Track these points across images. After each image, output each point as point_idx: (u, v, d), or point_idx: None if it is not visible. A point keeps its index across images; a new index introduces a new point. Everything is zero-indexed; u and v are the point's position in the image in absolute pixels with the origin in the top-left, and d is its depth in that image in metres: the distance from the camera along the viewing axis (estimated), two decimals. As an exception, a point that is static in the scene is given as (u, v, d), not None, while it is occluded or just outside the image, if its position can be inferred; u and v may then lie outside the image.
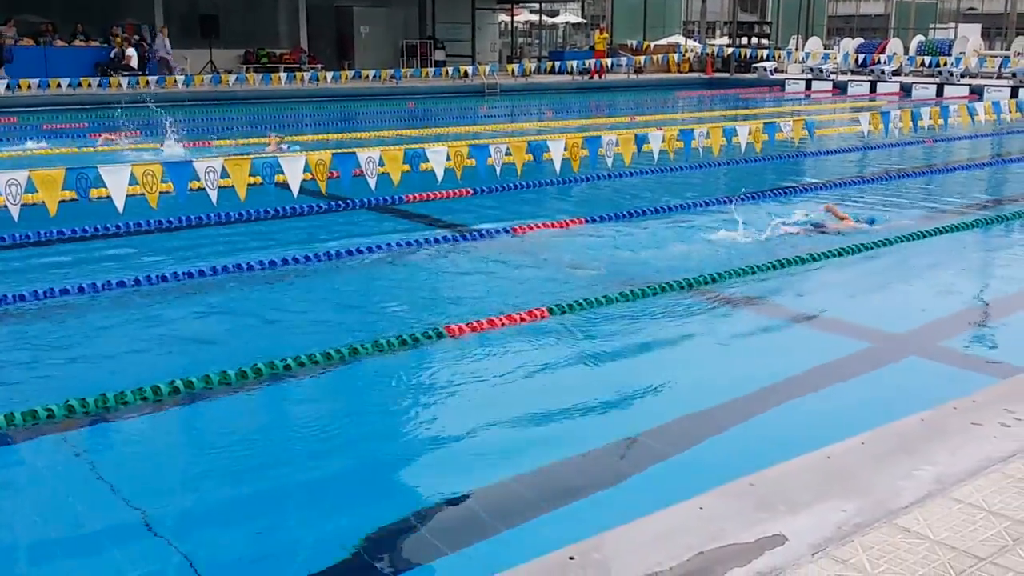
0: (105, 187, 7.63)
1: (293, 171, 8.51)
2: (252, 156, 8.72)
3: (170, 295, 7.86)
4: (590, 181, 13.42)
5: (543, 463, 4.85)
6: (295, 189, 8.54)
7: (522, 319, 7.12)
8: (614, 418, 5.53)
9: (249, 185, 8.35)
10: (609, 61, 35.19)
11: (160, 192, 7.92)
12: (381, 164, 9.09)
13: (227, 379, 5.81)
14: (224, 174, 8.11)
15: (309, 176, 8.74)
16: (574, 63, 34.89)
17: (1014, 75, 31.70)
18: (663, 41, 43.74)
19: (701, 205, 11.76)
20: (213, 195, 8.08)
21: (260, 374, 5.92)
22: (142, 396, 5.54)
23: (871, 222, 10.47)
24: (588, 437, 5.19)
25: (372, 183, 9.05)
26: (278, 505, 4.61)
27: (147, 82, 24.38)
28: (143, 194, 7.80)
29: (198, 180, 8.01)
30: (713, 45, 42.61)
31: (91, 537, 4.27)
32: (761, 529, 3.28)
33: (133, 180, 7.73)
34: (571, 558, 3.10)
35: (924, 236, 9.95)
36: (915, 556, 3.09)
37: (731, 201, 11.06)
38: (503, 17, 45.28)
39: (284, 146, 16.06)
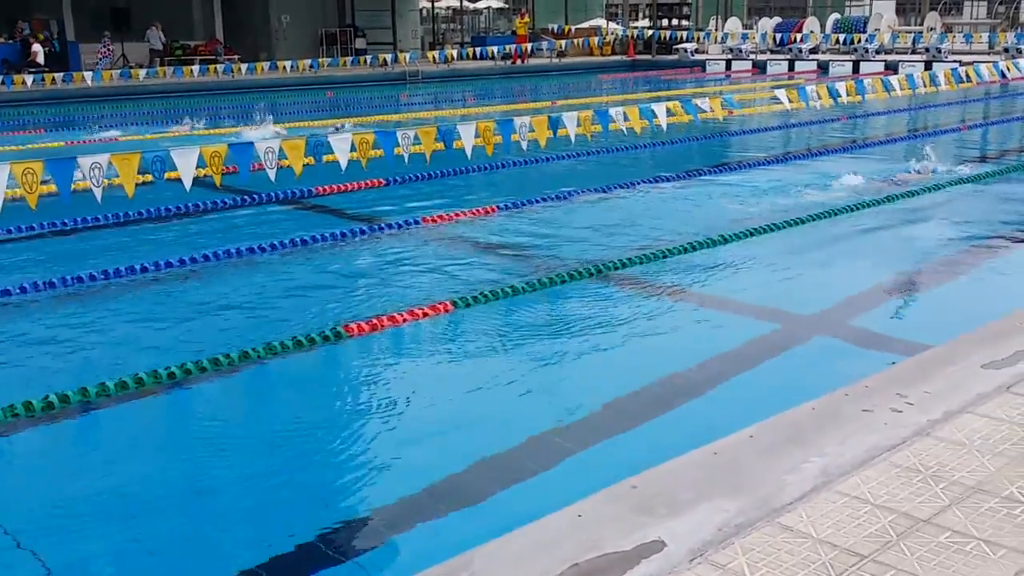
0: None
1: (185, 164, 8.14)
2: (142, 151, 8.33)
3: (43, 305, 7.49)
4: (506, 168, 13.23)
5: (422, 473, 4.63)
6: (187, 183, 8.18)
7: (424, 314, 6.91)
8: (504, 420, 5.35)
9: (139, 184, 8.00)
10: (530, 46, 35.00)
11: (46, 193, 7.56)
12: (282, 156, 8.79)
13: (105, 390, 5.52)
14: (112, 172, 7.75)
15: (204, 172, 8.39)
16: (495, 48, 34.60)
17: (927, 50, 32.24)
18: (585, 25, 43.71)
19: (622, 187, 11.66)
20: (98, 193, 7.69)
21: (141, 384, 5.63)
22: (29, 409, 5.24)
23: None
24: (483, 439, 5.00)
25: (271, 175, 8.70)
26: (160, 518, 4.36)
27: (53, 79, 23.55)
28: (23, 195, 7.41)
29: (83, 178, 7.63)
30: (635, 28, 42.66)
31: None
32: (640, 535, 3.12)
33: (12, 181, 7.33)
34: (437, 578, 2.91)
35: (838, 213, 9.95)
36: (795, 557, 2.95)
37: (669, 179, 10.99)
38: (424, 3, 44.77)
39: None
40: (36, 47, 27.08)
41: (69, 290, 7.72)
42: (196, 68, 25.48)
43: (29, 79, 23.47)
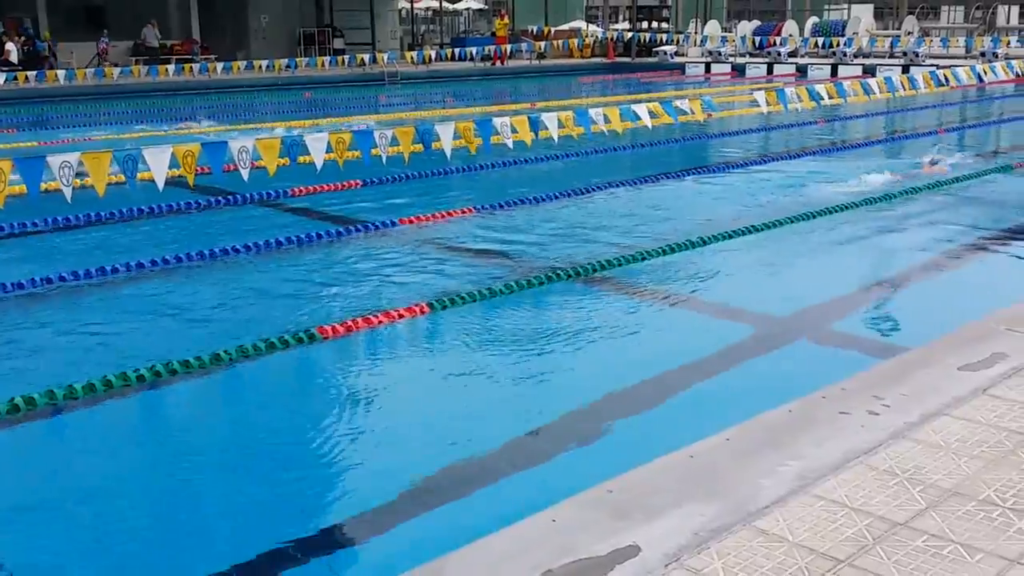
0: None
1: (158, 164, 8.04)
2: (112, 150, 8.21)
3: (9, 305, 7.36)
4: (485, 169, 13.16)
5: (395, 476, 4.56)
6: (160, 183, 8.07)
7: (400, 316, 6.84)
8: (479, 423, 5.29)
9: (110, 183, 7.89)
10: (510, 47, 34.94)
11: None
12: (256, 156, 8.69)
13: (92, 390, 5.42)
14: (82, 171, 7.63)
15: (177, 172, 8.28)
16: (474, 50, 34.53)
17: (905, 54, 32.42)
18: (565, 26, 43.72)
19: (600, 189, 11.62)
20: (68, 192, 7.57)
21: (109, 386, 5.53)
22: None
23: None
24: (457, 443, 4.94)
25: (245, 175, 8.59)
26: (129, 522, 4.28)
27: (26, 77, 23.29)
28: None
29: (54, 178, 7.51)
30: (614, 30, 42.70)
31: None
32: (616, 540, 3.07)
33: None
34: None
35: (815, 216, 9.95)
36: (772, 562, 2.91)
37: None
38: (403, 4, 44.66)
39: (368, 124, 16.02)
40: (10, 46, 26.79)
41: (37, 290, 7.60)
42: (172, 67, 25.26)
43: (1, 78, 23.20)
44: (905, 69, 28.68)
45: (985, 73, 14.51)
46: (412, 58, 32.27)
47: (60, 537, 4.20)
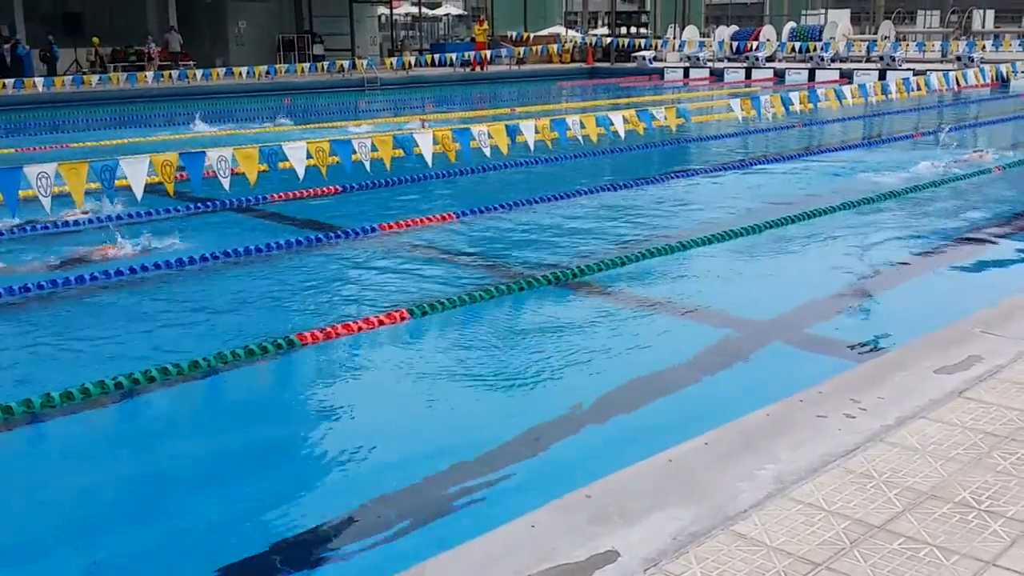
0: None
1: (136, 173, 8.01)
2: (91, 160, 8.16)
3: None
4: (465, 175, 13.16)
5: (374, 483, 4.55)
6: (138, 192, 8.04)
7: (380, 322, 6.84)
8: (457, 429, 5.28)
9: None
10: (489, 53, 34.99)
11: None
12: (235, 163, 8.67)
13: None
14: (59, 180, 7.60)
15: (155, 179, 8.24)
16: (454, 55, 34.55)
17: (881, 58, 32.66)
18: (544, 32, 43.81)
19: (581, 193, 11.66)
20: (46, 203, 7.54)
21: (88, 394, 5.50)
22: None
23: None
24: (435, 449, 4.94)
25: (225, 183, 8.59)
26: (108, 530, 4.25)
27: (3, 84, 23.14)
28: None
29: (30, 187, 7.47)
30: (593, 35, 42.81)
31: None
32: (594, 545, 3.08)
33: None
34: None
35: (793, 220, 10.01)
36: (750, 565, 2.93)
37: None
38: (383, 10, 44.63)
39: (427, 124, 16.73)
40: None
41: (15, 299, 7.54)
42: (150, 74, 25.14)
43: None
44: (882, 74, 28.93)
45: (958, 82, 14.68)
46: (392, 64, 32.25)
47: (36, 545, 4.17)
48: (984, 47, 32.13)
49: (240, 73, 26.71)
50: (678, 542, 3.08)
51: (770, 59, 35.36)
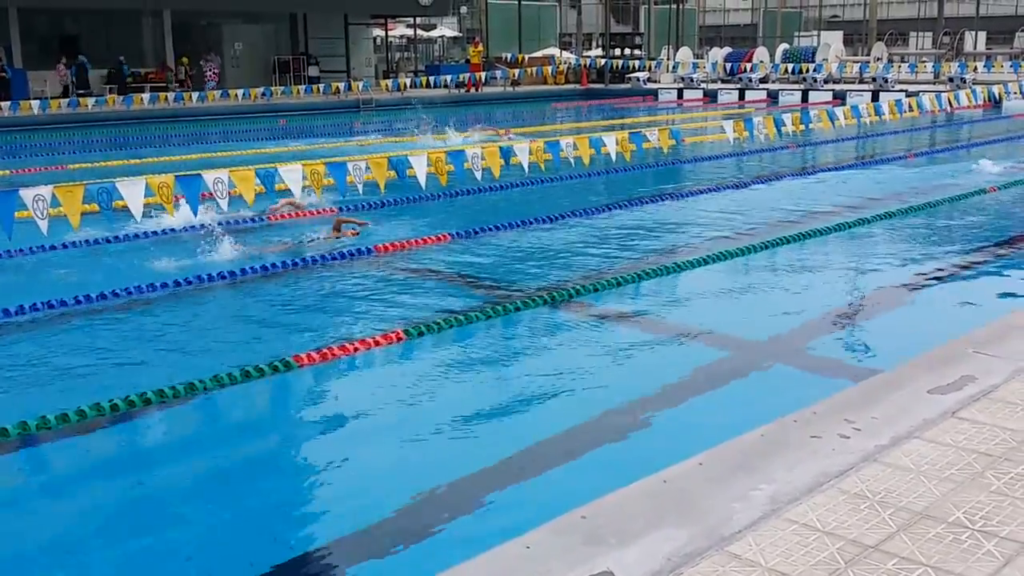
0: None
1: (133, 195, 8.03)
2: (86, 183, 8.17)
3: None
4: (458, 196, 13.20)
5: (370, 505, 4.55)
6: (137, 214, 8.07)
7: (376, 343, 6.85)
8: (453, 450, 5.29)
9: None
10: (484, 74, 35.13)
11: None
12: (232, 186, 8.69)
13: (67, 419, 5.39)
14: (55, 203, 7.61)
15: (153, 200, 8.26)
16: (449, 77, 34.69)
17: (874, 79, 32.87)
18: (539, 53, 43.97)
19: (575, 215, 11.70)
20: (43, 225, 7.55)
21: (83, 417, 5.49)
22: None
23: None
24: (431, 469, 4.95)
25: (223, 204, 8.62)
26: (103, 553, 4.24)
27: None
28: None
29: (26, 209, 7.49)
30: (588, 56, 43.03)
31: None
32: (590, 566, 3.08)
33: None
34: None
35: (787, 242, 10.05)
36: (745, 586, 2.94)
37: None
38: (378, 32, 44.85)
39: (511, 136, 17.66)
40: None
41: (10, 320, 7.54)
42: (146, 96, 25.21)
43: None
44: (875, 95, 29.10)
45: (950, 103, 14.80)
46: (387, 86, 32.37)
47: (36, 568, 4.16)
48: (976, 68, 32.37)
49: (236, 95, 26.78)
50: (673, 563, 3.09)
51: (763, 80, 35.57)
